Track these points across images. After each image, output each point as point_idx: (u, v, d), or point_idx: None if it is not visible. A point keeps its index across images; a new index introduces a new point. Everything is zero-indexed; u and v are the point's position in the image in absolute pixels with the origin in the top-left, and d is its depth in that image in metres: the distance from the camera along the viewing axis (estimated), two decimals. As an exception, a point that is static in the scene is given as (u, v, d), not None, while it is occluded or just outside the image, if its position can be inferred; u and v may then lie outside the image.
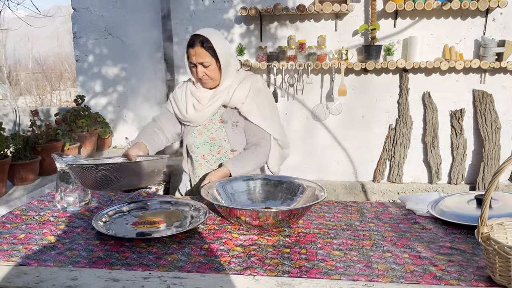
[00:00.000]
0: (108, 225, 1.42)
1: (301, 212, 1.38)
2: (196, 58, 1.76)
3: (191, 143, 1.92)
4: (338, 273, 1.08)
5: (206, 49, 1.75)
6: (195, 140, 1.90)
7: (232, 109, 1.89)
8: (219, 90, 1.84)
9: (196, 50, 1.74)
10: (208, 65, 1.77)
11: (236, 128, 1.88)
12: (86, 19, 4.21)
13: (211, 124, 1.90)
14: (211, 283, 1.04)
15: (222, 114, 1.89)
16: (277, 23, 4.02)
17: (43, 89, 11.71)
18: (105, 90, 4.35)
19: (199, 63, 1.76)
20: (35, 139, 2.97)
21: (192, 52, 1.76)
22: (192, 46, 1.75)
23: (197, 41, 1.74)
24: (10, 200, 2.53)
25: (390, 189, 4.09)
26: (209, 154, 1.91)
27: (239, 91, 1.85)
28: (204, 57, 1.75)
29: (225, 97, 1.84)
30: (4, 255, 1.20)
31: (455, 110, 3.96)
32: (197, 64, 1.77)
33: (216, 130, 1.89)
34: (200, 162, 1.93)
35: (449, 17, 3.82)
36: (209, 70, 1.78)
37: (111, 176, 1.37)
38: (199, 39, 1.74)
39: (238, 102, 1.85)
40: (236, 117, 1.88)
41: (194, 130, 1.91)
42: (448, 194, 1.67)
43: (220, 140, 1.89)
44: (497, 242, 0.97)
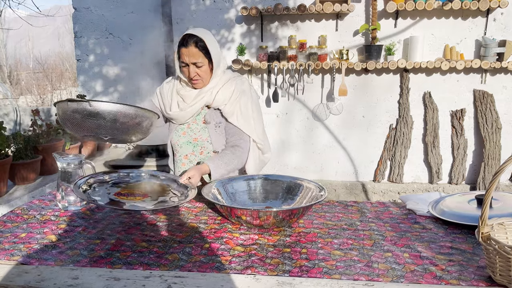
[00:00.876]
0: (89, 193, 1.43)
1: (302, 212, 1.38)
2: (190, 58, 1.73)
3: (175, 142, 1.92)
4: (339, 272, 1.09)
5: (200, 49, 1.73)
6: (179, 139, 1.91)
7: (215, 110, 1.88)
8: (203, 90, 1.83)
9: (189, 50, 1.72)
10: (201, 66, 1.75)
11: (218, 129, 1.87)
12: (87, 18, 4.21)
13: (195, 124, 1.90)
14: (211, 282, 1.04)
15: (205, 115, 1.88)
16: (277, 23, 4.02)
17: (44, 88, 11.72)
18: (106, 90, 4.36)
19: (192, 63, 1.74)
20: (36, 139, 2.97)
21: (185, 51, 1.73)
22: (185, 45, 1.73)
23: (191, 41, 1.72)
24: (11, 199, 2.53)
25: (391, 189, 4.09)
26: (191, 154, 1.90)
27: (223, 92, 1.83)
28: (197, 57, 1.73)
29: (208, 97, 1.83)
30: (6, 254, 1.20)
31: (455, 110, 3.96)
32: (189, 64, 1.75)
33: (200, 131, 1.88)
34: (183, 162, 1.92)
35: (450, 17, 3.81)
36: (201, 71, 1.77)
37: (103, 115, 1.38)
38: (193, 38, 1.72)
39: (221, 103, 1.83)
40: (219, 118, 1.87)
41: (178, 129, 1.91)
42: (448, 194, 1.67)
43: (202, 141, 1.88)
44: (498, 242, 0.97)
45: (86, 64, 4.31)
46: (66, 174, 1.56)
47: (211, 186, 1.61)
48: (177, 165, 1.96)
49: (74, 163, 1.57)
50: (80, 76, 4.36)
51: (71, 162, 1.56)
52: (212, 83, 1.83)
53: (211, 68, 1.79)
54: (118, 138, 1.50)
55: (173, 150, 1.97)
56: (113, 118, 1.40)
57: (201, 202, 1.69)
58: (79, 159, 1.59)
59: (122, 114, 1.42)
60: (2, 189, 2.57)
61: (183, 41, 1.74)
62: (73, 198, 1.57)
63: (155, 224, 1.44)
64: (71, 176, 1.56)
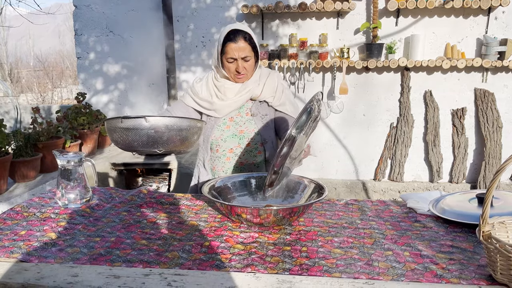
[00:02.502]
0: None
1: (302, 210, 1.38)
2: (239, 53, 1.77)
3: (218, 137, 1.90)
4: (339, 271, 1.08)
5: (248, 44, 1.78)
6: (223, 133, 1.90)
7: (260, 102, 1.91)
8: (248, 84, 1.86)
9: (239, 45, 1.76)
10: (249, 60, 1.80)
11: (265, 121, 1.90)
12: (87, 16, 4.20)
13: (239, 117, 1.90)
14: (211, 281, 1.04)
15: (251, 107, 1.90)
16: (278, 21, 4.01)
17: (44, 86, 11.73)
18: (106, 88, 4.36)
19: (242, 57, 1.78)
20: (36, 136, 2.97)
21: (234, 46, 1.76)
22: (235, 41, 1.75)
23: (240, 36, 1.76)
24: (11, 197, 2.53)
25: (391, 187, 4.09)
26: (237, 147, 1.90)
27: (269, 84, 1.89)
28: (246, 51, 1.77)
29: (256, 90, 1.87)
30: (5, 251, 1.20)
31: (456, 109, 3.96)
32: (238, 59, 1.78)
33: (245, 123, 1.89)
34: (228, 156, 1.91)
35: (451, 16, 3.81)
36: (248, 65, 1.81)
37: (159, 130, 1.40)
38: (242, 34, 1.76)
39: (268, 95, 1.89)
40: (265, 110, 1.91)
41: (220, 124, 1.90)
42: (449, 193, 1.67)
43: (249, 132, 1.89)
44: (499, 241, 0.97)
45: (86, 62, 4.31)
46: (66, 171, 1.56)
47: (211, 184, 1.61)
48: (219, 161, 1.94)
49: (74, 160, 1.57)
50: (81, 74, 4.36)
51: (71, 160, 1.56)
52: (255, 77, 1.88)
53: (254, 61, 1.84)
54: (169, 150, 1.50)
55: (213, 147, 1.95)
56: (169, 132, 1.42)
57: (201, 200, 1.68)
58: (79, 157, 1.58)
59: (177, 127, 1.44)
60: (2, 186, 2.57)
61: (231, 36, 1.76)
62: (73, 196, 1.57)
63: (155, 222, 1.44)
64: (71, 174, 1.56)
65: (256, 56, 1.83)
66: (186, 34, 4.13)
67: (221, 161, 1.93)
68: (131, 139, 1.43)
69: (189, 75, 4.22)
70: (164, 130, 1.41)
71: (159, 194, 1.76)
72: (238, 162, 1.91)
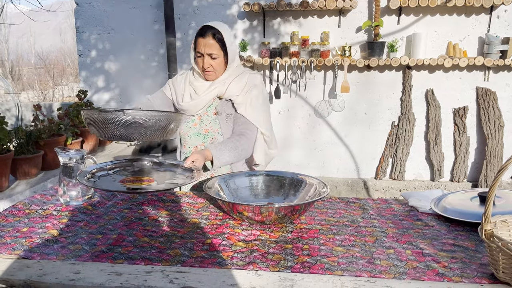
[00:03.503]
0: (93, 182, 1.43)
1: (304, 208, 1.38)
2: (205, 49, 1.76)
3: (185, 133, 1.92)
4: (341, 269, 1.08)
5: (217, 41, 1.76)
6: (189, 130, 1.91)
7: (226, 101, 1.89)
8: (216, 82, 1.86)
9: (206, 40, 1.75)
10: (216, 58, 1.79)
11: (229, 121, 1.89)
12: (89, 14, 4.20)
13: (206, 115, 1.91)
14: (213, 278, 1.04)
15: (216, 106, 1.90)
16: (280, 19, 4.00)
17: (46, 84, 11.73)
18: (108, 85, 4.36)
19: (208, 54, 1.77)
20: (37, 134, 2.97)
21: (202, 41, 1.76)
22: (203, 35, 1.76)
23: (209, 32, 1.75)
24: (13, 194, 2.53)
25: (392, 186, 4.09)
26: (201, 146, 1.91)
27: (235, 83, 1.86)
28: (213, 48, 1.76)
29: (221, 88, 1.85)
30: (7, 248, 1.20)
31: (458, 108, 3.95)
32: (204, 55, 1.78)
33: (210, 122, 1.90)
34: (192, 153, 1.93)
35: (453, 14, 3.80)
36: (215, 62, 1.80)
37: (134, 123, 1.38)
38: (211, 30, 1.76)
39: (233, 94, 1.86)
40: (230, 109, 1.89)
41: (189, 120, 1.92)
42: (451, 191, 1.67)
43: (213, 132, 1.89)
44: (501, 239, 0.97)
45: (88, 60, 4.31)
46: (68, 169, 1.56)
47: (213, 181, 1.61)
48: (185, 156, 1.95)
49: (76, 158, 1.57)
50: (82, 72, 4.36)
51: (73, 157, 1.56)
52: (225, 75, 1.86)
53: (225, 62, 1.82)
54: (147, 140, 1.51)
55: (182, 141, 1.97)
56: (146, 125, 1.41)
57: (203, 198, 1.68)
58: (81, 154, 1.58)
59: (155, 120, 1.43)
60: (4, 184, 2.57)
61: (202, 31, 1.77)
62: (75, 193, 1.57)
63: (156, 219, 1.44)
64: (73, 171, 1.56)
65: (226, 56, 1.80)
66: (187, 32, 4.12)
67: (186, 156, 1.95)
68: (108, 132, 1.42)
69: (190, 73, 4.22)
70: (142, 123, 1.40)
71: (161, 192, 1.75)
72: None
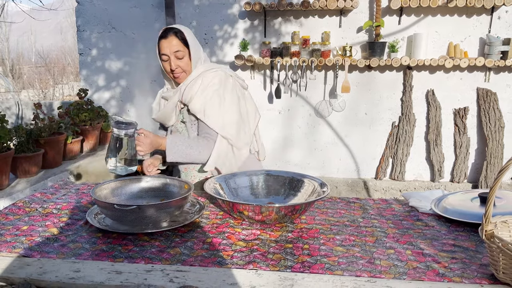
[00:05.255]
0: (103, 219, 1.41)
1: (304, 208, 1.38)
2: (170, 48, 1.75)
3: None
4: (341, 268, 1.08)
5: (179, 39, 1.76)
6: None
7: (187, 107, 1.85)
8: (181, 85, 1.82)
9: (170, 40, 1.75)
10: (182, 56, 1.77)
11: (194, 127, 1.85)
12: (90, 12, 4.20)
13: (178, 124, 1.90)
14: (213, 277, 1.04)
15: (184, 114, 1.88)
16: (281, 19, 4.00)
17: (46, 83, 11.73)
18: (108, 84, 4.35)
19: (174, 52, 1.75)
20: (38, 132, 2.97)
21: (165, 43, 1.75)
22: (165, 36, 1.75)
23: (171, 32, 1.76)
24: (13, 192, 2.53)
25: (392, 186, 4.08)
26: None
27: (189, 88, 1.79)
28: (178, 46, 1.75)
29: (178, 94, 1.82)
30: (7, 246, 1.20)
31: (458, 108, 3.95)
32: (170, 55, 1.76)
33: (182, 131, 1.89)
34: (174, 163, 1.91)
35: (454, 15, 3.79)
36: (182, 62, 1.78)
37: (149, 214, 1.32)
38: (172, 30, 1.76)
39: (188, 100, 1.79)
40: (192, 115, 1.84)
41: (169, 131, 1.94)
42: (451, 192, 1.67)
43: None
44: (501, 240, 0.97)
45: (88, 58, 4.31)
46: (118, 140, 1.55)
47: (213, 181, 1.61)
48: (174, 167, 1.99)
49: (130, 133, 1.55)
50: (83, 71, 4.36)
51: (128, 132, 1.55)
52: (189, 78, 1.81)
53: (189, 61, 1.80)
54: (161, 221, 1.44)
55: None
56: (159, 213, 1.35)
57: (203, 197, 1.68)
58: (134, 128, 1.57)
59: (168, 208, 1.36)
60: (4, 182, 2.58)
61: (163, 33, 1.77)
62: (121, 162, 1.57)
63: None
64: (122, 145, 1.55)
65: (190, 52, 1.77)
66: (188, 31, 4.12)
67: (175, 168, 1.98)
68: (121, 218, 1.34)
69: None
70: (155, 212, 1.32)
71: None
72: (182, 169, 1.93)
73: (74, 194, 1.72)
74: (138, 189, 1.56)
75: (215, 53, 4.15)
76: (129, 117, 4.39)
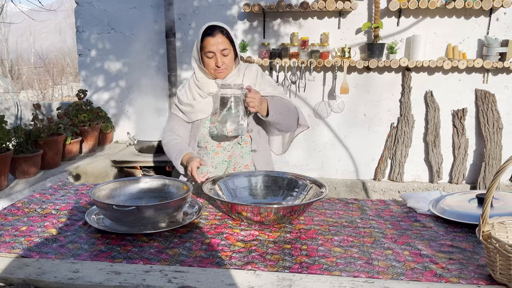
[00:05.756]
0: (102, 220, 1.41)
1: (302, 209, 1.39)
2: (218, 46, 1.78)
3: (205, 134, 1.92)
4: (339, 269, 1.09)
5: (226, 37, 1.80)
6: (209, 131, 1.92)
7: None
8: (228, 77, 1.88)
9: (217, 39, 1.78)
10: (228, 53, 1.82)
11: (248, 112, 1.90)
12: (89, 13, 4.20)
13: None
14: (212, 278, 1.05)
15: None
16: (280, 20, 4.01)
17: (45, 83, 11.72)
18: (107, 85, 4.35)
19: (221, 50, 1.79)
20: (37, 133, 2.97)
21: (212, 40, 1.78)
22: (212, 34, 1.78)
23: (217, 30, 1.78)
24: (12, 193, 2.53)
25: (391, 187, 4.09)
26: (225, 141, 1.91)
27: (249, 74, 1.92)
28: (225, 44, 1.80)
29: (236, 81, 1.87)
30: (6, 247, 1.21)
31: (457, 110, 3.96)
32: (217, 52, 1.79)
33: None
34: (217, 151, 1.93)
35: (452, 16, 3.80)
36: (227, 59, 1.83)
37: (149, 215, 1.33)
38: (219, 28, 1.79)
39: (249, 84, 1.87)
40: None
41: (206, 121, 1.93)
42: (449, 193, 1.67)
43: None
44: (498, 241, 0.97)
45: (87, 59, 4.31)
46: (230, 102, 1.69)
47: (212, 182, 1.61)
48: (208, 156, 1.94)
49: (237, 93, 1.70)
50: (82, 71, 4.36)
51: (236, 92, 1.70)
52: (234, 71, 1.90)
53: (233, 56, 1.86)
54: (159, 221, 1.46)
55: (201, 144, 1.96)
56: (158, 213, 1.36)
57: (202, 198, 1.69)
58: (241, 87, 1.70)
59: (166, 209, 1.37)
60: (2, 182, 2.57)
61: (208, 31, 1.79)
62: None
63: (155, 219, 1.44)
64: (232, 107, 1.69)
65: (235, 51, 1.85)
66: (187, 32, 4.13)
67: (210, 156, 1.95)
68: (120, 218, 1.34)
69: (190, 73, 4.21)
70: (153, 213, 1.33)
71: None
72: (227, 156, 1.93)
73: (73, 194, 1.72)
74: (137, 190, 1.56)
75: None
76: (128, 117, 4.39)
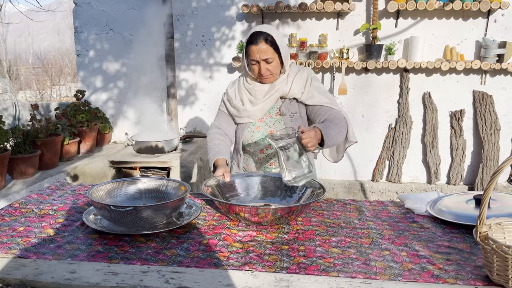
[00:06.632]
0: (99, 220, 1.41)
1: (300, 209, 1.39)
2: (260, 55, 1.75)
3: (248, 138, 1.90)
4: (336, 270, 1.09)
5: (270, 45, 1.75)
6: (253, 135, 1.89)
7: (290, 100, 1.88)
8: (277, 83, 1.84)
9: (259, 47, 1.74)
10: (272, 61, 1.77)
11: (294, 120, 1.87)
12: (87, 14, 4.20)
13: (268, 117, 1.89)
14: (209, 278, 1.05)
15: (280, 107, 1.89)
16: (278, 21, 4.01)
17: (43, 84, 11.70)
18: (106, 86, 4.35)
19: (263, 59, 1.76)
20: (35, 133, 2.97)
21: (255, 49, 1.75)
22: (255, 43, 1.74)
23: (260, 38, 1.74)
24: (9, 193, 2.53)
25: (389, 188, 4.10)
26: (268, 148, 1.89)
27: (298, 81, 1.85)
28: (268, 53, 1.75)
29: (284, 88, 1.84)
30: (3, 247, 1.20)
31: (455, 111, 3.97)
32: (260, 61, 1.76)
33: (274, 123, 1.88)
34: (259, 157, 1.92)
35: (450, 18, 3.82)
36: (271, 66, 1.78)
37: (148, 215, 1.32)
38: (262, 35, 1.74)
39: (297, 92, 1.85)
40: (295, 108, 1.88)
41: (251, 125, 1.90)
42: (446, 194, 1.67)
43: None
44: (495, 242, 0.98)
45: (86, 60, 4.31)
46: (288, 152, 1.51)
47: (210, 182, 1.61)
48: (251, 161, 1.94)
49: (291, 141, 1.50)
50: (80, 72, 4.36)
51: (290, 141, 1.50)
52: (284, 76, 1.85)
53: (279, 62, 1.81)
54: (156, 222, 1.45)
55: (245, 148, 1.94)
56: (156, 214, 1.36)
57: (200, 199, 1.69)
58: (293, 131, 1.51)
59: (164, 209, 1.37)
60: (0, 183, 2.57)
61: (252, 38, 1.75)
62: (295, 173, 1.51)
63: (153, 220, 1.44)
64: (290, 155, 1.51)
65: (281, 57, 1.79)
66: (186, 33, 4.13)
67: (253, 161, 1.94)
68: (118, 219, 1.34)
69: (188, 74, 4.23)
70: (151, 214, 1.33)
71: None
72: (269, 163, 1.91)
73: (71, 195, 1.71)
74: (135, 191, 1.56)
75: (212, 55, 4.15)
76: (126, 117, 4.39)
